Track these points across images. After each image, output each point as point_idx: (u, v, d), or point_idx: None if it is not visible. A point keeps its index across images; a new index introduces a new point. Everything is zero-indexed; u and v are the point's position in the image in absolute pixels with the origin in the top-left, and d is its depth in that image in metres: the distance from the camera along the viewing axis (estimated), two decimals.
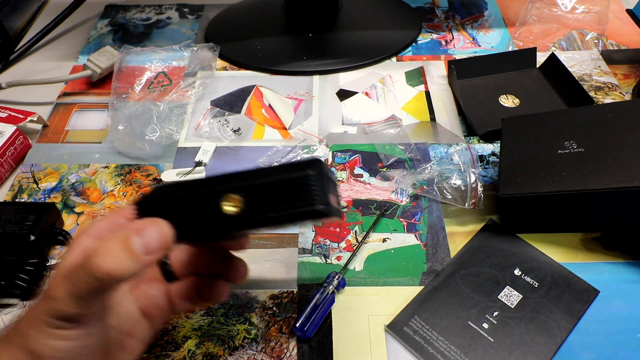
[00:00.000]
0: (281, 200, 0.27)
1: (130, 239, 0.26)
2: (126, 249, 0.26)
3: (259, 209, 0.27)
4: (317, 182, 0.27)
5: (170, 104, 0.60)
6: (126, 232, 0.27)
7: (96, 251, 0.26)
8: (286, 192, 0.27)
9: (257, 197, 0.27)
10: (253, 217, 0.27)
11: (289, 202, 0.27)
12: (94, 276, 0.26)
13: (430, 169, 0.52)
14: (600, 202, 0.43)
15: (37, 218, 0.46)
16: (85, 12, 0.78)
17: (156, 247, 0.27)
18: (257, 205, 0.27)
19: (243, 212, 0.27)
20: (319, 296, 0.42)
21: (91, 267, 0.26)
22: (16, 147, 0.56)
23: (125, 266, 0.26)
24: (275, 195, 0.27)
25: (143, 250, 0.27)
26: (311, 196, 0.26)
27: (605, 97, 0.61)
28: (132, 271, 0.26)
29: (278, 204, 0.27)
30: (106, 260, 0.26)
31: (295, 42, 0.70)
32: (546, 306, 0.42)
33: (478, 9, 0.77)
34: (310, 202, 0.26)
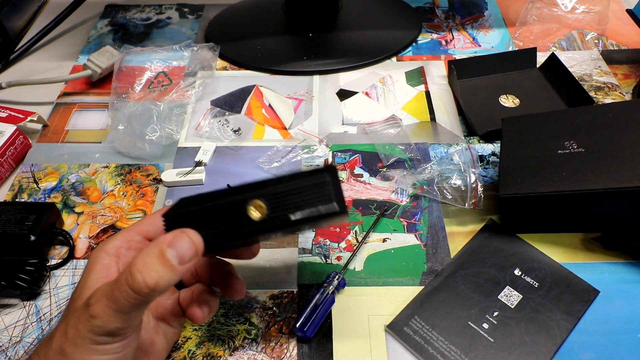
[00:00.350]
0: (302, 203, 0.30)
1: (166, 251, 0.28)
2: (164, 262, 0.28)
3: (282, 212, 0.30)
4: (333, 186, 0.30)
5: (171, 104, 0.60)
6: (161, 246, 0.28)
7: (135, 267, 0.28)
8: (306, 195, 0.30)
9: (279, 202, 0.30)
10: (277, 220, 0.30)
11: (310, 204, 0.30)
12: (138, 291, 0.27)
13: (430, 169, 0.52)
14: (600, 202, 0.43)
15: (37, 218, 0.46)
16: (85, 12, 0.78)
17: (190, 256, 0.29)
18: (279, 208, 0.30)
19: (267, 216, 0.30)
20: (319, 296, 0.42)
21: (134, 283, 0.27)
22: (16, 147, 0.56)
23: (166, 278, 0.28)
24: (296, 199, 0.30)
25: (178, 260, 0.28)
26: (330, 197, 0.30)
27: (606, 97, 0.61)
28: (173, 282, 0.28)
29: (299, 206, 0.30)
30: (149, 275, 0.27)
31: (295, 42, 0.70)
32: (546, 306, 0.42)
33: (478, 9, 0.77)
34: (330, 202, 0.30)
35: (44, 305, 0.44)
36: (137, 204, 0.52)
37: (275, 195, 0.30)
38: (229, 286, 0.37)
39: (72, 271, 0.47)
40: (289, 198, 0.30)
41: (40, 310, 0.44)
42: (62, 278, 0.46)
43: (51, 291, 0.45)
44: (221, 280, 0.37)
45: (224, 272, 0.37)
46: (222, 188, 0.31)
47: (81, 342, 0.29)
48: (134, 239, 0.34)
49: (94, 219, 0.51)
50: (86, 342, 0.29)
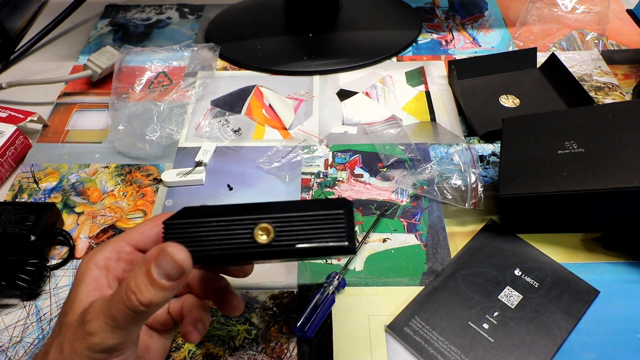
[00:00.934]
0: (312, 234, 0.29)
1: (152, 271, 0.27)
2: (152, 282, 0.27)
3: (289, 239, 0.29)
4: (347, 222, 0.29)
5: (171, 104, 0.60)
6: (147, 265, 0.27)
7: (129, 287, 0.27)
8: (318, 226, 0.29)
9: (288, 228, 0.29)
10: (283, 247, 0.29)
11: (320, 237, 0.28)
12: (134, 311, 0.27)
13: (430, 169, 0.52)
14: (600, 202, 0.43)
15: (38, 218, 0.46)
16: (85, 12, 0.78)
17: (176, 274, 0.27)
18: (287, 235, 0.29)
19: (273, 241, 0.29)
20: (319, 296, 0.42)
21: (129, 303, 0.27)
22: (16, 147, 0.56)
23: (159, 296, 0.27)
24: (307, 228, 0.29)
25: (166, 279, 0.27)
26: (342, 234, 0.28)
27: (606, 97, 0.61)
28: (167, 298, 0.28)
29: (308, 237, 0.28)
30: (142, 296, 0.27)
31: (296, 42, 0.70)
32: (546, 306, 0.42)
33: (478, 9, 0.77)
34: (341, 239, 0.28)
35: (44, 305, 0.44)
36: (137, 204, 0.52)
37: (285, 220, 0.29)
38: (225, 303, 0.35)
39: (72, 271, 0.47)
40: (299, 226, 0.29)
41: (40, 311, 0.44)
42: (62, 278, 0.46)
43: (51, 291, 0.45)
44: (216, 295, 0.35)
45: (219, 288, 0.35)
46: (229, 204, 0.30)
47: (78, 359, 0.28)
48: (124, 249, 0.33)
49: (94, 219, 0.51)
50: (83, 359, 0.28)
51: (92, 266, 0.32)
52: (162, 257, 0.27)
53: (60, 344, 0.29)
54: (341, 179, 0.54)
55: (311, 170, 0.55)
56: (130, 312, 0.27)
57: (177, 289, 0.28)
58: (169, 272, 0.27)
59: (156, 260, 0.27)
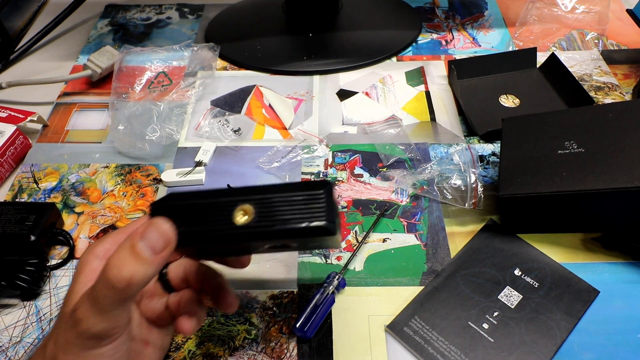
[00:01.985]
0: (291, 215, 0.28)
1: (137, 244, 0.27)
2: (135, 255, 0.27)
3: (269, 220, 0.28)
4: (327, 201, 0.28)
5: (171, 104, 0.60)
6: (132, 240, 0.27)
7: (110, 264, 0.27)
8: (298, 208, 0.29)
9: (267, 209, 0.29)
10: (262, 229, 0.28)
11: (299, 217, 0.28)
12: (115, 288, 0.27)
13: (430, 169, 0.52)
14: (600, 202, 0.43)
15: (37, 218, 0.46)
16: (85, 12, 0.78)
17: (161, 246, 0.28)
18: (267, 217, 0.29)
19: (252, 222, 0.29)
20: (319, 296, 0.42)
21: (109, 280, 0.27)
22: (16, 147, 0.56)
23: (141, 271, 0.27)
24: (286, 210, 0.28)
25: (150, 252, 0.27)
26: (321, 213, 0.28)
27: (606, 97, 0.61)
28: (149, 274, 0.27)
29: (287, 218, 0.28)
30: (124, 270, 0.27)
31: (295, 42, 0.70)
32: (546, 306, 0.42)
33: (478, 9, 0.77)
34: (320, 219, 0.28)
35: (44, 305, 0.44)
36: (137, 204, 0.52)
37: (265, 202, 0.29)
38: (221, 299, 0.35)
39: (72, 271, 0.47)
40: (279, 208, 0.29)
41: (40, 311, 0.44)
42: (62, 278, 0.46)
43: (51, 291, 0.45)
44: (212, 292, 0.35)
45: (215, 285, 0.35)
46: (219, 188, 0.30)
47: (71, 348, 0.28)
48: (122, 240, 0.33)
49: (94, 219, 0.51)
50: (76, 348, 0.28)
51: (91, 257, 0.32)
52: (149, 230, 0.27)
53: (57, 335, 0.30)
54: (341, 179, 0.54)
55: (311, 170, 0.55)
56: (112, 291, 0.27)
57: (159, 266, 0.28)
58: (153, 243, 0.27)
59: (142, 233, 0.27)
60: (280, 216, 0.28)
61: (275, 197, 0.29)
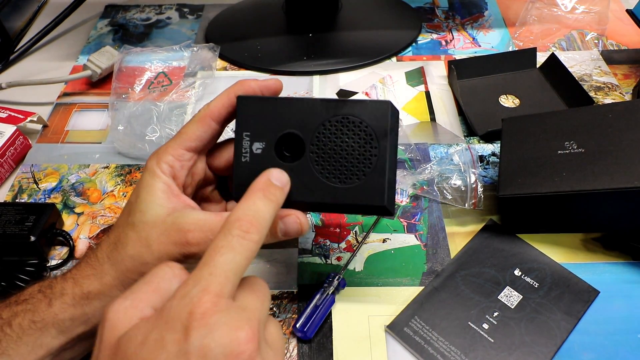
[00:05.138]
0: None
1: (277, 230, 0.33)
2: (273, 235, 0.34)
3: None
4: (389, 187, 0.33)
5: (171, 104, 0.60)
6: (274, 229, 0.34)
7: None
8: None
9: None
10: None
11: None
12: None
13: (430, 169, 0.52)
14: (600, 202, 0.43)
15: (37, 218, 0.46)
16: (85, 12, 0.78)
17: (294, 233, 0.34)
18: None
19: None
20: (319, 296, 0.42)
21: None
22: (16, 147, 0.56)
23: None
24: None
25: (283, 235, 0.34)
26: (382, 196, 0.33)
27: (605, 97, 0.61)
28: None
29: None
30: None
31: (295, 42, 0.70)
32: (546, 306, 0.42)
33: (478, 9, 0.77)
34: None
35: None
36: None
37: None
38: None
39: None
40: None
41: None
42: None
43: None
44: None
45: None
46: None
47: (166, 257, 0.32)
48: (184, 157, 0.35)
49: (94, 219, 0.51)
50: (172, 258, 0.32)
51: (159, 173, 0.34)
52: (291, 223, 0.33)
53: (144, 239, 0.33)
54: None
55: None
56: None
57: None
58: (290, 232, 0.33)
59: (286, 226, 0.33)
60: None
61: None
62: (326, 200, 0.33)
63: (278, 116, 0.34)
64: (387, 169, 0.33)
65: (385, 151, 0.33)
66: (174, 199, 0.34)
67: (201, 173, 0.37)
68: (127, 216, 0.34)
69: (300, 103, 0.34)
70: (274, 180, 0.31)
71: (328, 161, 0.33)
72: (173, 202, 0.34)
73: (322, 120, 0.33)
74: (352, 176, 0.33)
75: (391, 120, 0.33)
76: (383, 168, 0.33)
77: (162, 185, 0.34)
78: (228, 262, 0.26)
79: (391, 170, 0.33)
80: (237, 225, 0.27)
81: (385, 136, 0.33)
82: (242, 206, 0.29)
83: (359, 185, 0.33)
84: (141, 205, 0.34)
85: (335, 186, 0.33)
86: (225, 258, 0.26)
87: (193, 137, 0.35)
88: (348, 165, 0.33)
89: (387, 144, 0.33)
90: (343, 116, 0.33)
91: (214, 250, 0.26)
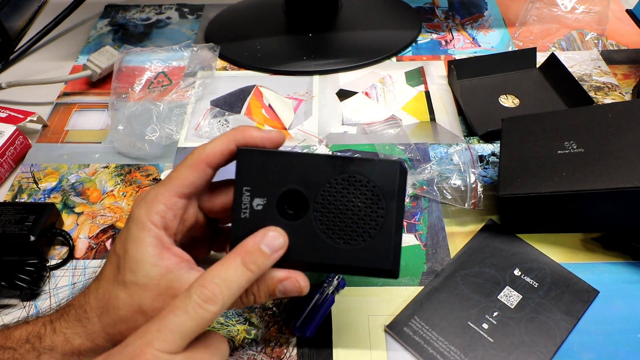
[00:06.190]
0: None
1: (276, 291, 0.33)
2: (271, 294, 0.33)
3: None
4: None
5: (170, 104, 0.60)
6: (272, 290, 0.33)
7: (254, 299, 0.32)
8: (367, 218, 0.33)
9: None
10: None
11: None
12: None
13: (430, 169, 0.52)
14: (600, 202, 0.43)
15: (37, 218, 0.46)
16: (85, 12, 0.78)
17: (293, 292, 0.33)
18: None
19: None
20: (318, 296, 0.42)
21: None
22: (16, 147, 0.56)
23: None
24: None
25: (281, 294, 0.33)
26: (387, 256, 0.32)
27: (605, 97, 0.61)
28: None
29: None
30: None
31: (295, 42, 0.70)
32: (546, 306, 0.42)
33: (478, 9, 0.77)
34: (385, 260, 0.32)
35: (44, 305, 0.44)
36: None
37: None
38: None
39: (72, 271, 0.47)
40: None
41: (40, 311, 0.44)
42: (61, 278, 0.46)
43: (51, 291, 0.45)
44: None
45: None
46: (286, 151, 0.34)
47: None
48: (177, 205, 0.33)
49: (93, 219, 0.51)
50: None
51: (150, 225, 0.32)
52: (290, 287, 0.32)
53: (137, 304, 0.31)
54: None
55: None
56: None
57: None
58: (289, 294, 0.32)
59: (285, 288, 0.32)
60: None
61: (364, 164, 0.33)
62: (328, 261, 0.32)
63: (281, 171, 0.33)
64: (393, 231, 0.32)
65: (393, 212, 0.32)
66: (165, 254, 0.32)
67: (192, 219, 0.35)
68: (115, 272, 0.32)
69: (304, 159, 0.33)
70: (263, 247, 0.30)
71: (332, 220, 0.32)
72: (165, 259, 0.31)
73: (328, 178, 0.32)
74: (357, 237, 0.32)
75: (399, 181, 0.32)
76: (389, 230, 0.32)
77: (152, 240, 0.31)
78: (178, 324, 0.26)
79: (397, 232, 0.32)
80: (199, 291, 0.27)
81: (392, 197, 0.32)
82: (213, 272, 0.28)
83: (363, 247, 0.32)
84: (131, 264, 0.31)
85: (339, 247, 0.32)
86: (177, 320, 0.26)
87: (186, 184, 0.33)
88: (353, 225, 0.32)
89: (394, 205, 0.32)
90: (350, 175, 0.32)
91: (169, 308, 0.27)
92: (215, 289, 0.27)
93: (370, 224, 0.32)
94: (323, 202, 0.32)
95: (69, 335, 0.32)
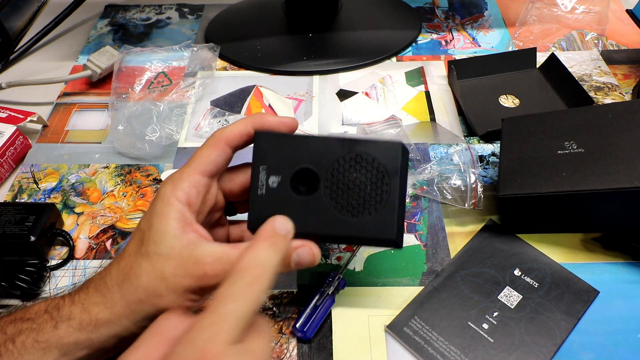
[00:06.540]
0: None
1: (291, 262, 0.34)
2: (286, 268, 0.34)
3: None
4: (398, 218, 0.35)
5: (170, 104, 0.60)
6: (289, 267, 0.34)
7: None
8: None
9: None
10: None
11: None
12: None
13: (430, 169, 0.53)
14: (600, 202, 0.43)
15: (37, 218, 0.46)
16: (85, 12, 0.78)
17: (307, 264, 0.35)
18: None
19: None
20: (318, 296, 0.42)
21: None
22: (16, 147, 0.56)
23: None
24: None
25: (296, 266, 0.34)
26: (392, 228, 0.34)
27: (605, 98, 0.61)
28: None
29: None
30: None
31: (295, 42, 0.70)
32: (546, 306, 0.42)
33: (478, 9, 0.77)
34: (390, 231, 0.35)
35: None
36: (137, 204, 0.52)
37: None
38: None
39: (72, 272, 0.47)
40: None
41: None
42: (62, 279, 0.46)
43: (51, 292, 0.45)
44: None
45: None
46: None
47: (182, 290, 0.32)
48: (200, 183, 0.35)
49: (94, 219, 0.51)
50: (188, 290, 0.32)
51: (174, 201, 0.34)
52: (304, 254, 0.34)
53: (159, 271, 0.32)
54: None
55: None
56: None
57: None
58: (303, 263, 0.34)
59: (299, 257, 0.34)
60: None
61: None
62: (338, 232, 0.35)
63: (294, 152, 0.35)
64: (397, 204, 0.34)
65: (396, 188, 0.34)
66: (188, 228, 0.33)
67: (213, 199, 0.37)
68: (139, 245, 0.34)
69: (316, 140, 0.35)
70: (278, 229, 0.32)
71: (341, 195, 0.35)
72: (188, 233, 0.33)
73: (337, 156, 0.35)
74: (364, 210, 0.34)
75: (402, 159, 0.35)
76: (393, 203, 0.34)
77: (176, 214, 0.33)
78: (234, 311, 0.27)
79: (401, 206, 0.35)
80: (243, 274, 0.28)
81: (396, 174, 0.34)
82: (249, 256, 0.29)
83: (370, 219, 0.34)
84: (155, 235, 0.33)
85: (348, 219, 0.34)
86: (231, 307, 0.27)
87: (208, 161, 0.35)
88: (360, 199, 0.34)
89: (397, 182, 0.34)
90: (357, 153, 0.35)
91: (220, 298, 0.27)
92: (258, 269, 0.28)
93: (375, 199, 0.34)
94: (332, 179, 0.35)
95: (87, 304, 0.33)
